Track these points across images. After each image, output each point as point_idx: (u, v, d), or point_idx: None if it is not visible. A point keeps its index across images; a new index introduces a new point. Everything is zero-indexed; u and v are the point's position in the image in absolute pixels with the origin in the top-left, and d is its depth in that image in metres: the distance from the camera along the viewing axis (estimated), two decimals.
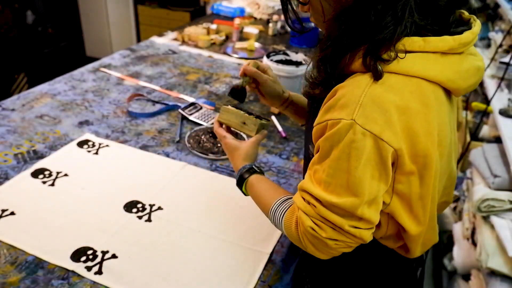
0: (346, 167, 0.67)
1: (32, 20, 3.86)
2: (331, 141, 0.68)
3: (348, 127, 0.65)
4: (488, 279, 1.46)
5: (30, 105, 1.55)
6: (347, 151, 0.66)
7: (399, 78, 0.67)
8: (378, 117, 0.65)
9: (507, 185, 1.61)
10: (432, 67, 0.69)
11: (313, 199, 0.72)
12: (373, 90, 0.66)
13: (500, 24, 2.54)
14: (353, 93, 0.67)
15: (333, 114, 0.68)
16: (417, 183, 0.72)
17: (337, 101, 0.68)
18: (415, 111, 0.67)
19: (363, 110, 0.65)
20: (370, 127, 0.65)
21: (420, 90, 0.68)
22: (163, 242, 1.02)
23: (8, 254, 0.95)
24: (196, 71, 1.93)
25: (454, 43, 0.69)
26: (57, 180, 1.19)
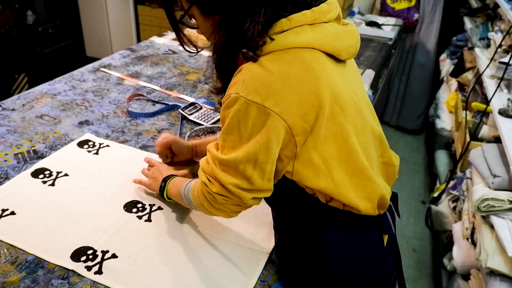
0: (237, 131, 0.78)
1: (32, 20, 3.86)
2: (224, 113, 0.80)
3: (234, 100, 0.77)
4: (487, 278, 1.46)
5: (30, 105, 1.55)
6: (236, 119, 0.77)
7: (275, 54, 0.78)
8: (259, 88, 0.75)
9: (507, 185, 1.61)
10: (303, 36, 0.78)
11: (211, 159, 0.84)
12: (254, 68, 0.77)
13: (500, 24, 2.54)
14: (241, 73, 0.78)
15: (227, 92, 0.80)
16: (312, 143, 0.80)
17: (232, 82, 0.81)
18: (296, 75, 0.77)
19: (245, 85, 0.76)
20: (252, 97, 0.75)
21: (297, 57, 0.78)
22: (163, 242, 1.02)
23: (8, 254, 0.95)
24: (196, 71, 1.94)
25: (314, 14, 0.80)
26: (57, 180, 1.19)
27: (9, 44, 3.68)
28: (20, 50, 3.79)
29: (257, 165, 0.79)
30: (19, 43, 3.78)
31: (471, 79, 2.73)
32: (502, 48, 2.26)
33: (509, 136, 1.66)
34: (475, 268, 1.67)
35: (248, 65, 0.78)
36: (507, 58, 2.04)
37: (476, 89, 2.53)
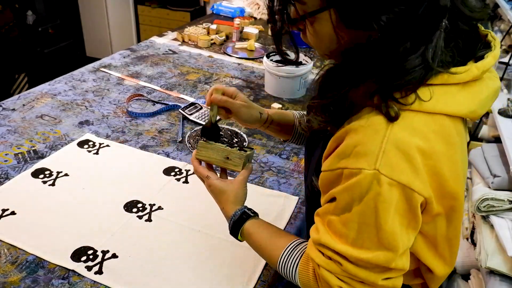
0: (374, 222, 0.61)
1: (32, 20, 3.86)
2: (351, 193, 0.62)
3: (371, 178, 0.59)
4: (487, 278, 1.46)
5: (30, 105, 1.55)
6: (373, 205, 0.60)
7: (421, 117, 0.61)
8: (404, 165, 0.59)
9: (507, 185, 1.61)
10: (454, 101, 0.62)
11: (337, 256, 0.66)
12: (395, 135, 0.59)
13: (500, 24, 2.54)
14: (371, 139, 0.60)
15: (349, 162, 0.61)
16: (444, 224, 0.68)
17: (353, 148, 0.61)
18: (441, 154, 0.62)
19: (387, 158, 0.59)
20: (397, 177, 0.59)
21: (443, 128, 0.62)
22: (163, 242, 1.02)
23: (8, 254, 0.95)
24: (196, 71, 1.94)
25: (478, 72, 0.63)
26: (58, 180, 1.19)
27: (9, 44, 3.68)
28: (20, 50, 3.79)
29: (405, 251, 0.65)
30: (19, 43, 3.78)
31: None
32: (502, 48, 2.26)
33: (509, 136, 1.67)
34: (475, 268, 1.67)
35: (379, 123, 0.60)
36: (507, 58, 2.04)
37: None
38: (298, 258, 0.74)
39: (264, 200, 1.17)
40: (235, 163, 0.86)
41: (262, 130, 1.01)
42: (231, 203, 0.84)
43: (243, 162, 0.86)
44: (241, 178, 0.86)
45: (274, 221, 1.08)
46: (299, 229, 1.09)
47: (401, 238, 0.63)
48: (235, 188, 0.84)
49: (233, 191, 0.84)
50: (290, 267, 0.74)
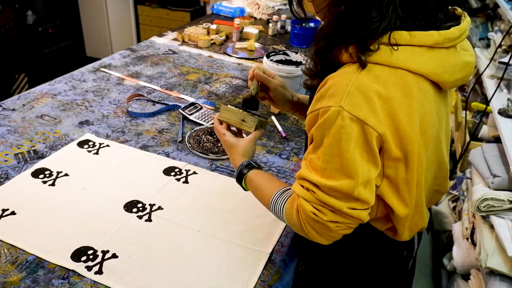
0: (338, 151, 0.72)
1: (32, 20, 3.86)
2: (322, 128, 0.73)
3: (337, 114, 0.70)
4: (487, 278, 1.46)
5: (30, 105, 1.55)
6: (337, 136, 0.71)
7: (384, 69, 0.72)
8: (362, 104, 0.70)
9: (507, 185, 1.61)
10: (416, 60, 0.72)
11: (312, 185, 0.76)
12: (359, 80, 0.71)
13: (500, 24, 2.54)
14: (341, 83, 0.72)
15: (323, 103, 0.73)
16: (403, 168, 0.76)
17: (327, 91, 0.73)
18: (397, 100, 0.71)
19: (350, 97, 0.70)
20: (356, 113, 0.70)
21: (403, 81, 0.72)
22: (163, 242, 1.02)
23: (8, 254, 0.95)
24: (196, 71, 1.94)
25: (440, 38, 0.73)
26: (58, 180, 1.19)
27: (9, 44, 3.68)
28: (20, 50, 3.79)
29: (369, 183, 0.74)
30: (19, 43, 3.78)
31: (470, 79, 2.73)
32: (502, 48, 2.26)
33: (509, 136, 1.67)
34: (475, 268, 1.67)
35: (353, 71, 0.72)
36: (507, 58, 2.04)
37: (476, 89, 2.53)
38: (287, 198, 0.85)
39: None
40: (249, 125, 0.99)
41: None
42: (240, 155, 0.97)
43: (256, 125, 0.98)
44: (251, 136, 0.98)
45: (274, 221, 1.09)
46: None
47: (361, 168, 0.72)
48: (244, 143, 0.97)
49: (243, 146, 0.97)
50: (279, 206, 0.85)
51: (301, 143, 1.44)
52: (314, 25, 2.33)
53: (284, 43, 2.36)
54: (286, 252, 1.02)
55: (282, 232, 1.07)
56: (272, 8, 2.80)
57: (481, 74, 2.22)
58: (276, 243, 1.03)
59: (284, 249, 1.03)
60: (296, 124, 1.55)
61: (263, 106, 1.65)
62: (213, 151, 1.34)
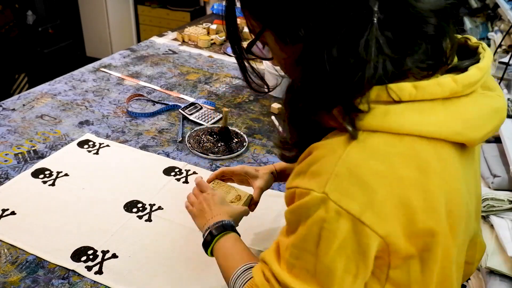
0: (314, 250, 0.54)
1: (32, 20, 3.86)
2: (298, 214, 0.56)
3: (319, 202, 0.52)
4: (487, 278, 1.46)
5: (30, 105, 1.55)
6: (316, 231, 0.53)
7: (385, 138, 0.53)
8: (356, 192, 0.52)
9: (507, 185, 1.61)
10: (429, 120, 0.54)
11: (272, 277, 0.60)
12: (350, 156, 0.53)
13: (500, 24, 2.54)
14: (326, 159, 0.54)
15: (302, 181, 0.56)
16: (417, 267, 0.57)
17: (309, 166, 0.56)
18: (409, 180, 0.53)
19: (338, 182, 0.52)
20: (346, 205, 0.51)
21: (414, 152, 0.53)
22: (163, 242, 1.02)
23: (8, 254, 0.95)
24: (196, 71, 1.94)
25: (457, 86, 0.54)
26: (58, 180, 1.19)
27: (9, 44, 3.68)
28: (20, 50, 3.79)
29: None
30: (19, 43, 3.78)
31: None
32: (502, 48, 2.26)
33: (509, 136, 1.66)
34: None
35: (341, 143, 0.54)
36: (507, 58, 2.04)
37: None
38: (246, 280, 0.69)
39: (264, 200, 1.16)
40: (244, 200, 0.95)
41: None
42: (227, 214, 0.84)
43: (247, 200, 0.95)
44: (242, 209, 0.89)
45: (274, 221, 1.09)
46: None
47: (341, 281, 0.54)
48: (237, 208, 0.88)
49: (235, 209, 0.88)
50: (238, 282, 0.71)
51: None
52: None
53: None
54: None
55: None
56: None
57: None
58: None
59: None
60: None
61: (264, 105, 1.66)
62: (213, 151, 1.34)
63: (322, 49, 0.53)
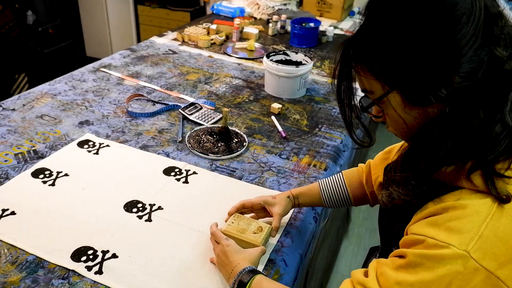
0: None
1: (32, 20, 3.86)
2: (427, 261, 0.58)
3: (458, 258, 0.55)
4: None
5: (30, 105, 1.55)
6: (448, 280, 0.56)
7: None
8: (499, 253, 0.55)
9: None
10: None
11: None
12: (497, 221, 0.56)
13: None
14: (470, 219, 0.57)
15: (438, 234, 0.58)
16: None
17: (447, 221, 0.58)
18: None
19: (482, 243, 0.55)
20: (486, 264, 0.55)
21: None
22: (163, 242, 1.02)
23: (8, 254, 0.95)
24: (196, 71, 1.94)
25: None
26: (58, 180, 1.19)
27: (9, 44, 3.68)
28: (20, 50, 3.79)
29: None
30: (19, 43, 3.78)
31: None
32: None
33: None
34: None
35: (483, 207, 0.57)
36: None
37: None
38: None
39: None
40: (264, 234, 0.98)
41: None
42: (246, 260, 0.86)
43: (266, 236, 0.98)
44: (259, 250, 0.91)
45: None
46: (299, 230, 1.09)
47: None
48: (252, 252, 0.89)
49: (251, 253, 0.89)
50: None
51: (301, 143, 1.44)
52: (314, 25, 2.33)
53: (284, 43, 2.36)
54: (286, 252, 1.02)
55: (282, 232, 1.07)
56: (272, 8, 2.80)
57: None
58: (276, 243, 1.03)
59: (284, 249, 1.02)
60: (296, 124, 1.55)
61: (264, 105, 1.66)
62: (213, 151, 1.34)
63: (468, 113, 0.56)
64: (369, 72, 0.63)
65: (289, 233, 1.07)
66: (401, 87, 0.61)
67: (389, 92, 0.62)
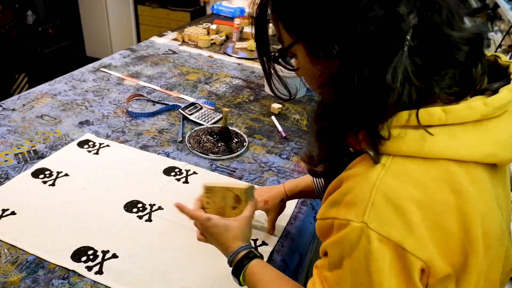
0: (368, 282, 0.54)
1: (32, 20, 3.86)
2: (341, 248, 0.56)
3: (359, 233, 0.53)
4: None
5: (30, 105, 1.55)
6: (364, 263, 0.54)
7: (418, 163, 0.54)
8: (394, 219, 0.52)
9: None
10: (461, 143, 0.54)
11: None
12: (385, 183, 0.53)
13: (500, 24, 2.54)
14: (361, 187, 0.55)
15: (339, 212, 0.56)
16: (453, 286, 0.58)
17: (343, 196, 0.57)
18: (445, 204, 0.54)
19: (376, 210, 0.53)
20: (387, 233, 0.52)
21: (448, 175, 0.54)
22: (163, 242, 1.02)
23: (8, 254, 0.95)
24: (196, 71, 1.94)
25: (487, 109, 0.54)
26: (58, 180, 1.19)
27: (9, 44, 3.68)
28: (20, 50, 3.79)
29: None
30: (19, 43, 3.78)
31: None
32: (502, 48, 2.26)
33: None
34: None
35: (372, 171, 0.55)
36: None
37: None
38: None
39: None
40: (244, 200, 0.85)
41: None
42: (236, 240, 0.79)
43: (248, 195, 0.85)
44: (246, 214, 0.82)
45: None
46: (300, 230, 1.09)
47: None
48: (240, 225, 0.80)
49: (239, 228, 0.80)
50: None
51: (301, 143, 1.44)
52: None
53: None
54: (286, 252, 1.02)
55: (282, 232, 1.07)
56: None
57: None
58: (276, 243, 1.03)
59: (284, 249, 1.02)
60: (296, 124, 1.55)
61: (264, 105, 1.66)
62: (213, 151, 1.34)
63: (355, 69, 0.54)
64: (280, 21, 0.63)
65: (289, 233, 1.07)
66: (303, 38, 0.60)
67: (294, 43, 0.62)
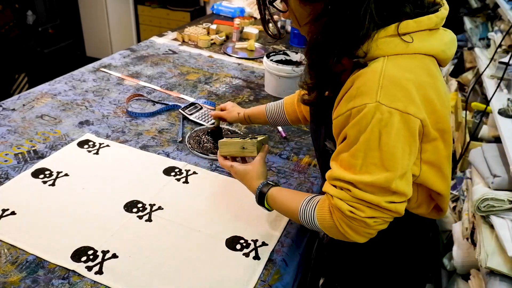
0: (377, 145, 0.72)
1: (32, 20, 3.86)
2: (359, 126, 0.73)
3: (374, 110, 0.71)
4: (487, 278, 1.46)
5: (30, 105, 1.55)
6: (377, 130, 0.71)
7: (405, 58, 0.75)
8: (399, 94, 0.71)
9: (507, 185, 1.61)
10: (427, 42, 0.77)
11: (346, 184, 0.77)
12: (388, 71, 0.72)
13: (500, 24, 2.54)
14: (371, 78, 0.72)
15: (355, 102, 0.73)
16: (442, 146, 0.79)
17: (357, 89, 0.73)
18: (427, 83, 0.75)
19: (385, 91, 0.71)
20: (395, 105, 0.70)
21: (424, 64, 0.76)
22: (163, 242, 1.02)
23: (8, 254, 0.95)
24: (196, 71, 1.94)
25: (437, 19, 0.78)
26: (58, 180, 1.19)
27: (9, 44, 3.68)
28: (20, 50, 3.79)
29: (405, 175, 0.76)
30: (19, 43, 3.78)
31: (471, 79, 2.73)
32: (502, 48, 2.26)
33: (509, 136, 1.66)
34: (475, 268, 1.67)
35: (378, 66, 0.73)
36: (507, 58, 2.03)
37: (476, 89, 2.53)
38: (315, 203, 0.86)
39: None
40: (251, 150, 1.04)
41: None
42: (255, 180, 0.99)
43: (256, 147, 1.03)
44: (259, 158, 1.03)
45: (274, 221, 1.09)
46: (299, 230, 1.09)
47: (401, 160, 0.73)
48: (255, 167, 1.01)
49: (254, 170, 1.01)
50: (309, 212, 0.86)
51: (301, 143, 1.44)
52: None
53: (284, 43, 2.36)
54: (286, 252, 1.02)
55: (282, 232, 1.07)
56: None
57: (481, 74, 2.22)
58: (276, 243, 1.03)
59: (284, 249, 1.03)
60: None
61: None
62: (213, 151, 1.34)
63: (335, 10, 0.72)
64: None
65: (289, 233, 1.07)
66: None
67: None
